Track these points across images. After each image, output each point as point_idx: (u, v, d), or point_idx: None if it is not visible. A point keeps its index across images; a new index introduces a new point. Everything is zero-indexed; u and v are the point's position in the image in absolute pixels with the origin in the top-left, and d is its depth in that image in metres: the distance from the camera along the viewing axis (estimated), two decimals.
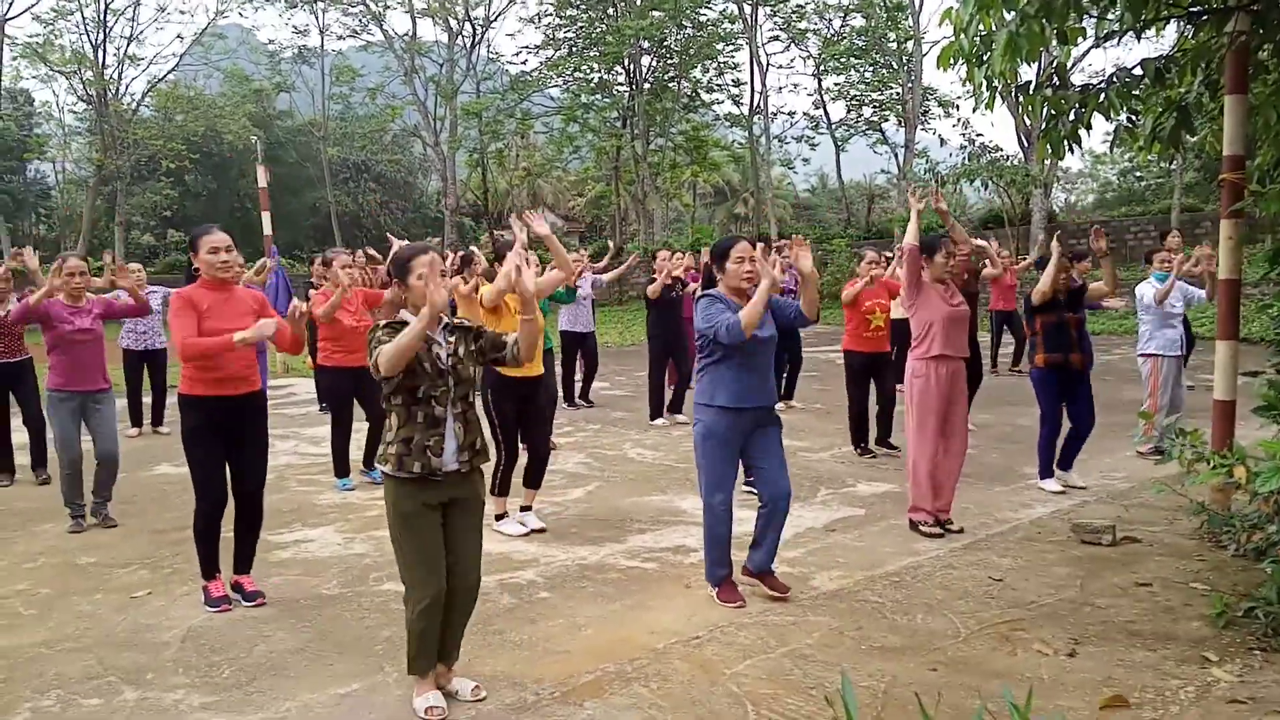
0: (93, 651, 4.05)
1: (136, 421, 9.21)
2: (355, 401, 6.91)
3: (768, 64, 28.88)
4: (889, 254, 8.33)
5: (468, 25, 30.99)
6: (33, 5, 29.16)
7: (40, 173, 37.30)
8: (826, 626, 4.17)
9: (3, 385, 7.18)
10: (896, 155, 28.64)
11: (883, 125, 29.32)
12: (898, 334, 7.81)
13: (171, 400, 5.80)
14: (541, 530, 5.67)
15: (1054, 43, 4.93)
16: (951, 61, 4.98)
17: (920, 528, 5.50)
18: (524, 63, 31.14)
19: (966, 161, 22.72)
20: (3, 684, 3.74)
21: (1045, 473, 6.47)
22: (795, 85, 69.50)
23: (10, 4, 28.59)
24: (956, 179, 22.41)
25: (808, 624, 4.21)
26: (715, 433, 4.37)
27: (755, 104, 29.09)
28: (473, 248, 6.47)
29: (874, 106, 28.79)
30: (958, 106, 27.60)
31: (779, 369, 9.48)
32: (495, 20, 31.60)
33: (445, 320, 3.44)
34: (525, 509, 5.78)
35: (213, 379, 4.36)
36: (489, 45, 36.43)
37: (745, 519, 4.78)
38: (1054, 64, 6.16)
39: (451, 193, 31.52)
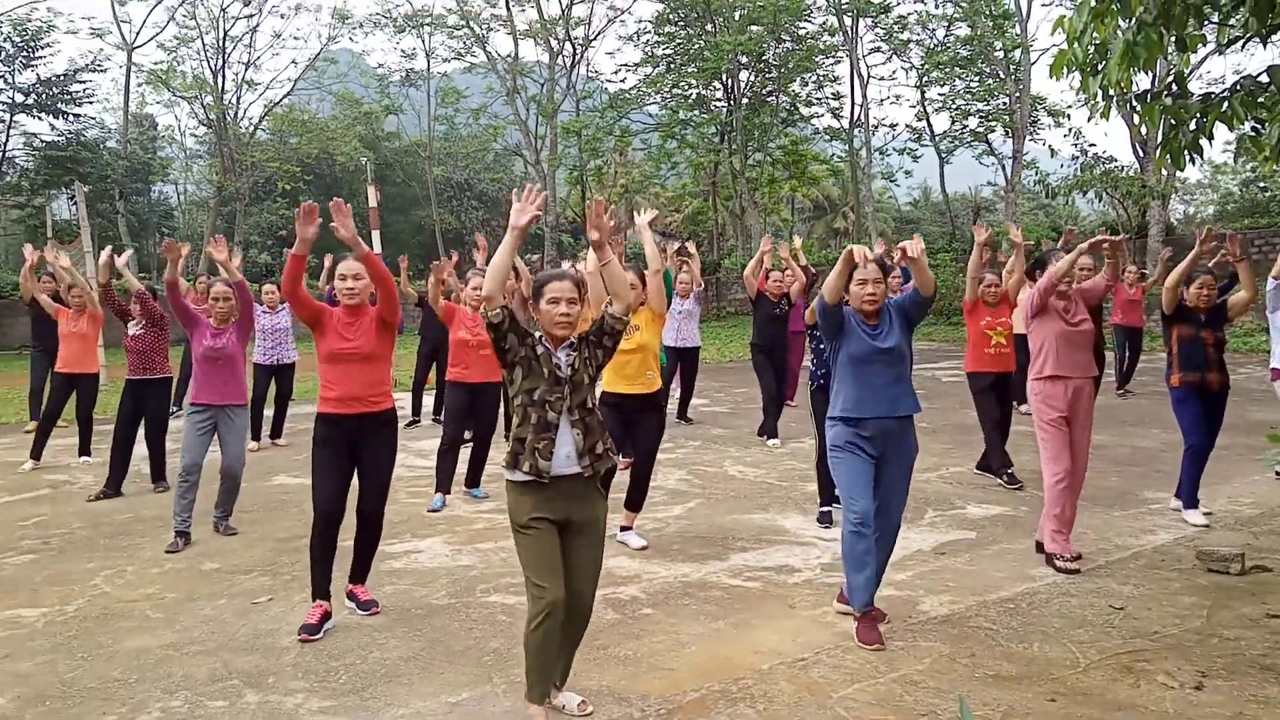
0: (217, 655, 4.23)
1: (256, 435, 9.57)
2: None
3: (869, 76, 28.55)
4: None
5: (568, 45, 31.50)
6: (158, 34, 30.82)
7: (164, 194, 39.34)
8: (937, 652, 4.08)
9: (135, 401, 7.55)
10: (1004, 167, 27.89)
11: (989, 136, 28.61)
12: (1021, 350, 7.55)
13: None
14: (643, 547, 5.68)
15: (1172, 50, 4.75)
16: (1065, 70, 4.84)
17: (1055, 561, 5.18)
18: (623, 80, 31.45)
19: (1079, 172, 21.96)
20: (135, 684, 3.93)
21: (1190, 502, 6.10)
22: (897, 97, 68.12)
23: (138, 33, 30.34)
24: (1068, 190, 21.67)
25: (917, 649, 4.12)
26: (840, 442, 4.32)
27: (856, 117, 28.78)
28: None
29: (980, 117, 28.10)
30: (1069, 116, 26.75)
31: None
32: (595, 39, 32.06)
33: (570, 340, 3.50)
34: (625, 529, 5.80)
35: (334, 398, 4.54)
36: (589, 64, 36.87)
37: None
38: (1172, 72, 5.93)
39: (552, 210, 31.99)
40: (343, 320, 4.63)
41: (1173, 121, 5.34)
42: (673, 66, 29.11)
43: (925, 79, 28.34)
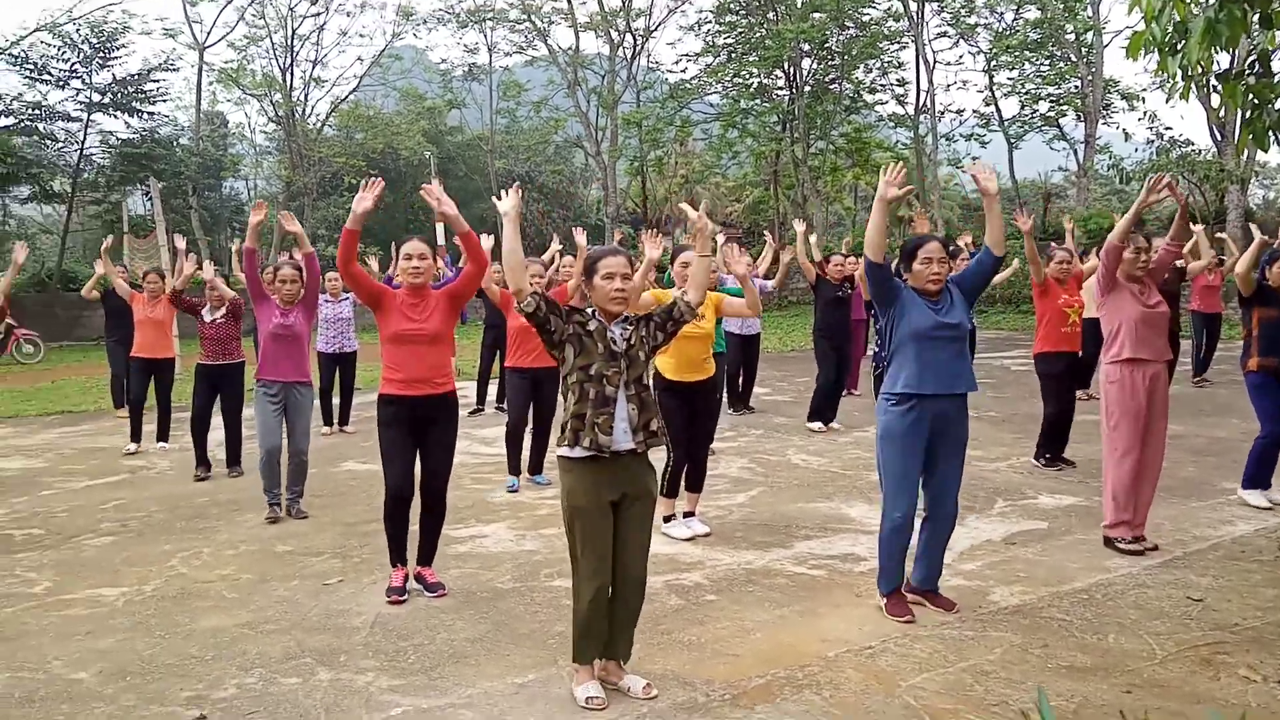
0: (290, 634, 4.32)
1: (328, 420, 9.78)
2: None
3: (935, 61, 27.99)
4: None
5: (629, 36, 31.47)
6: (228, 33, 31.53)
7: (235, 190, 40.20)
8: (1008, 643, 4.00)
9: (211, 386, 7.75)
10: (1076, 152, 27.20)
11: (1060, 121, 27.90)
12: (1089, 335, 7.38)
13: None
14: (707, 535, 5.67)
15: (1256, 27, 4.57)
16: (1142, 51, 4.69)
17: (1117, 544, 5.16)
18: (683, 70, 31.20)
19: (1154, 156, 21.32)
20: (211, 661, 4.04)
21: (1252, 483, 5.96)
22: (964, 82, 65.75)
23: (208, 33, 31.08)
24: (1143, 175, 21.04)
25: (988, 639, 4.05)
26: (893, 431, 4.23)
27: (921, 103, 28.26)
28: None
29: (1051, 101, 27.39)
30: (1143, 99, 25.91)
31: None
32: (656, 30, 31.99)
33: (625, 315, 3.56)
34: (688, 514, 5.79)
35: (400, 379, 4.62)
36: (649, 55, 36.80)
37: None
38: (1255, 50, 5.71)
39: (612, 201, 32.05)
40: (406, 301, 4.71)
41: (1256, 101, 5.14)
42: (734, 55, 28.87)
43: (994, 63, 27.72)
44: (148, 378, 9.01)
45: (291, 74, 31.44)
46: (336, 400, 9.90)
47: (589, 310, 3.55)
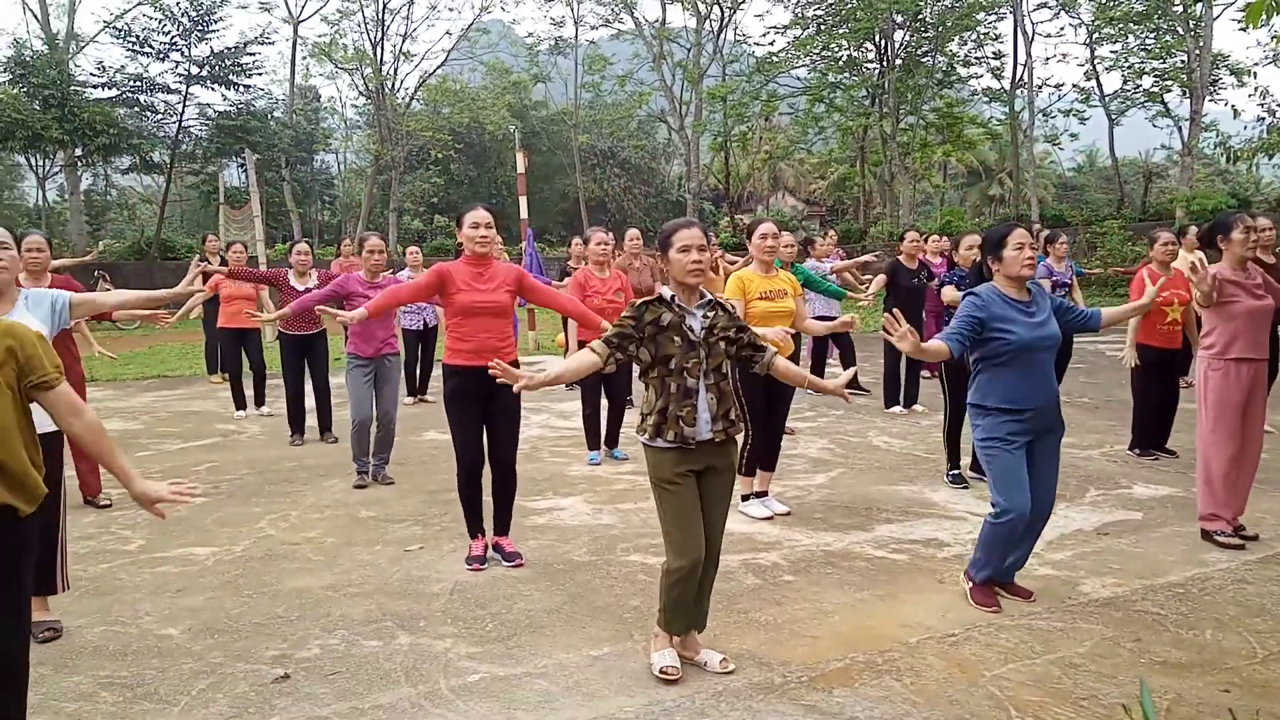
0: (372, 598, 4.40)
1: (411, 391, 9.98)
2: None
3: (1034, 33, 27.01)
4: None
5: (716, 9, 31.10)
6: (321, 7, 32.12)
7: (325, 163, 41.15)
8: (1099, 636, 3.85)
9: (300, 354, 7.93)
10: (1180, 129, 26.01)
11: (1164, 96, 26.68)
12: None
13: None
14: (786, 514, 5.61)
15: None
16: (1262, 18, 4.42)
17: (1216, 537, 4.94)
18: (771, 43, 30.72)
19: (1265, 135, 20.26)
20: (296, 621, 4.14)
21: None
22: (1064, 55, 62.91)
23: (303, 7, 31.71)
24: (1252, 154, 20.05)
25: (1077, 631, 3.90)
26: (996, 435, 4.09)
27: (1018, 77, 27.34)
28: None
29: (1155, 76, 26.20)
30: (1254, 74, 24.64)
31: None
32: (744, 2, 31.57)
33: (707, 296, 3.51)
34: (761, 494, 5.72)
35: (467, 350, 4.64)
36: (736, 27, 36.43)
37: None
38: None
39: (694, 177, 31.84)
40: (471, 271, 4.68)
41: None
42: (823, 28, 28.27)
43: (1096, 35, 26.64)
44: (238, 348, 9.27)
45: (382, 48, 31.88)
46: (419, 370, 10.07)
47: (665, 297, 3.47)
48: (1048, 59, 60.19)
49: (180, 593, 4.50)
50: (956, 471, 6.24)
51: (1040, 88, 28.18)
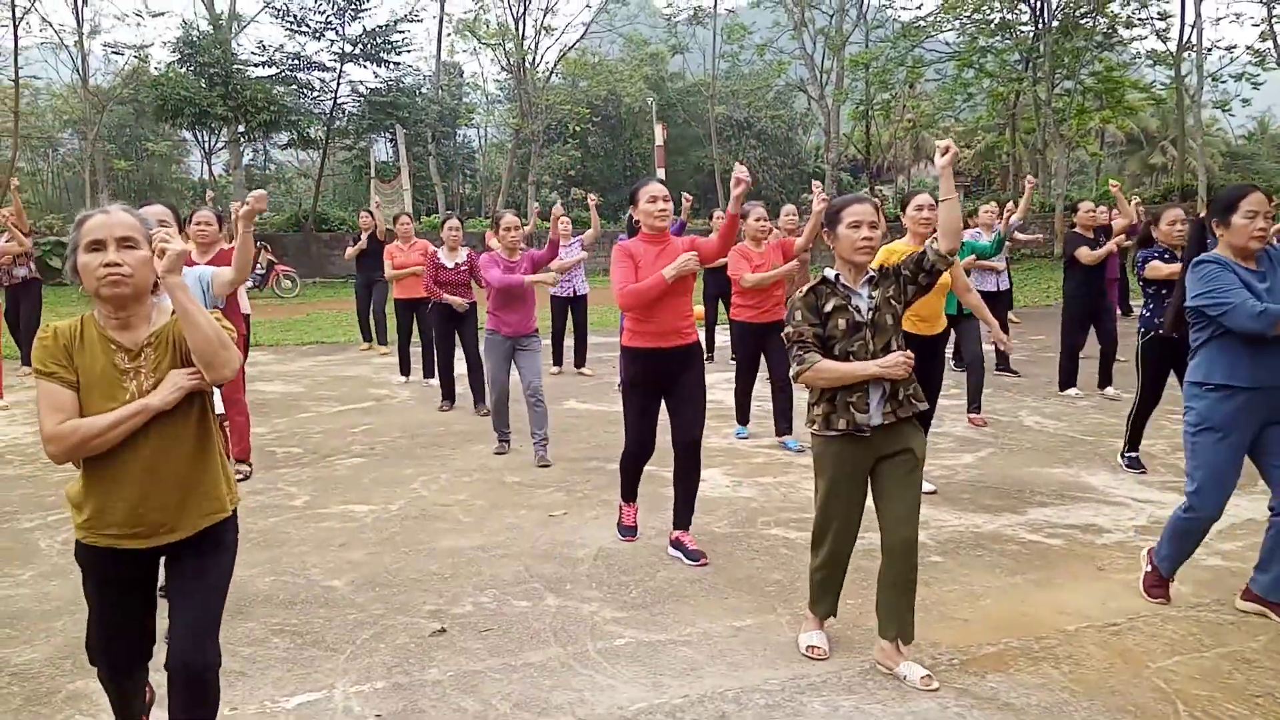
0: (520, 560, 4.53)
1: (557, 360, 10.15)
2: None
3: None
4: None
5: None
6: None
7: (467, 138, 42.15)
8: (1275, 630, 3.62)
9: (450, 325, 8.17)
10: None
11: None
12: None
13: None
14: (933, 492, 5.46)
15: None
16: None
17: None
18: (918, 7, 29.65)
19: None
20: (449, 579, 4.30)
21: None
22: (1237, 15, 58.46)
23: None
24: None
25: (1250, 625, 3.68)
26: (1212, 421, 3.66)
27: (1185, 38, 25.57)
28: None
29: None
30: None
31: None
32: None
33: (870, 273, 3.34)
34: None
35: (651, 332, 4.42)
36: None
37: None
38: None
39: (834, 147, 31.16)
40: (652, 250, 4.45)
41: None
42: None
43: None
44: (409, 318, 9.57)
45: (523, 23, 32.35)
46: (569, 342, 10.17)
47: (829, 278, 3.31)
48: (1219, 19, 56.07)
49: (343, 547, 4.75)
50: (1135, 454, 5.93)
51: (1210, 50, 26.26)
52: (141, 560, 2.47)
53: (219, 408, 2.97)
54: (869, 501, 3.42)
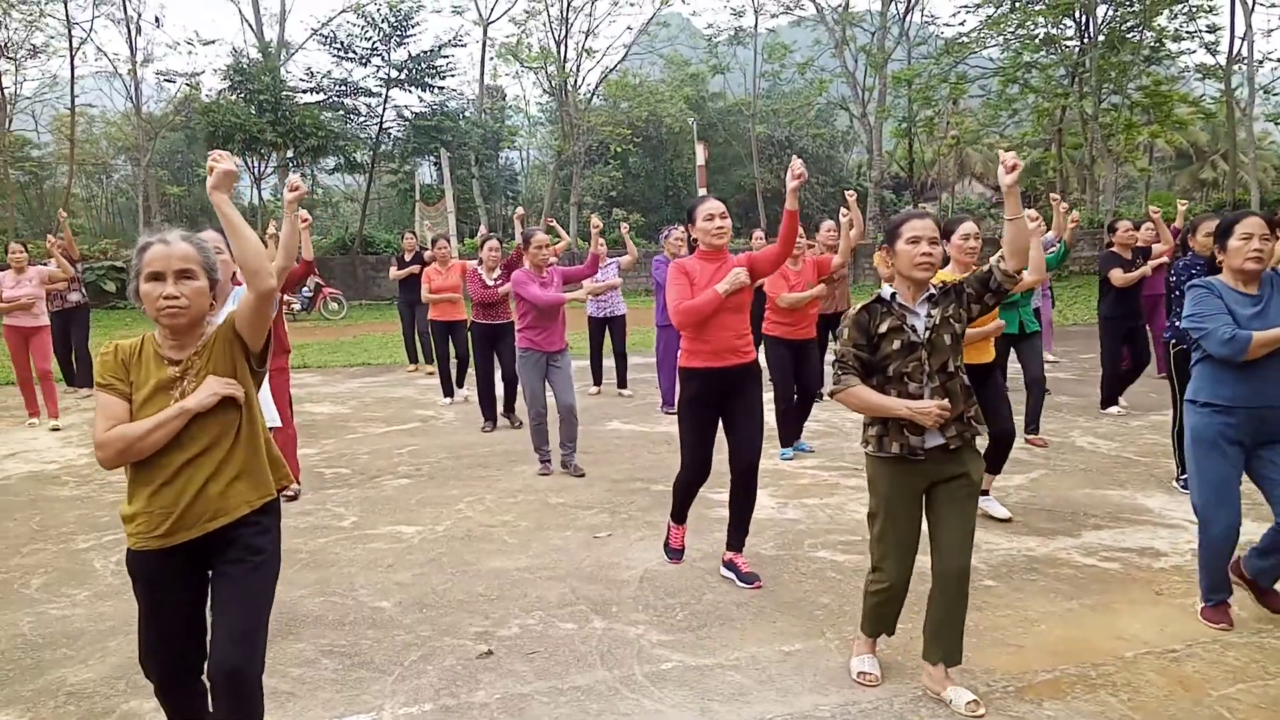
0: (565, 581, 4.52)
1: (596, 380, 10.17)
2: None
3: (1254, 2, 24.77)
4: None
5: None
6: (510, 8, 33.24)
7: (509, 160, 42.56)
8: None
9: (489, 344, 8.23)
10: None
11: None
12: None
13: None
14: (1006, 520, 5.32)
15: None
16: None
17: None
18: (961, 23, 29.45)
19: None
20: (496, 600, 4.31)
21: None
22: None
23: (492, 8, 32.88)
24: None
25: None
26: (1204, 437, 3.77)
27: (1236, 50, 25.12)
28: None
29: None
30: None
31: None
32: None
33: (930, 291, 3.26)
34: (983, 493, 5.43)
35: (708, 351, 4.37)
36: (923, 9, 35.02)
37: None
38: None
39: (876, 165, 31.02)
40: (709, 268, 4.40)
41: None
42: (1018, 4, 26.84)
43: None
44: (446, 339, 9.74)
45: (565, 45, 32.67)
46: (609, 363, 10.18)
47: (884, 297, 3.25)
48: (1270, 31, 55.00)
49: (390, 568, 4.77)
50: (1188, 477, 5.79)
51: (1261, 62, 25.76)
52: (189, 560, 2.55)
53: (274, 420, 3.07)
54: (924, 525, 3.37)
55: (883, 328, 3.21)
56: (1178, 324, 5.67)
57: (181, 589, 2.58)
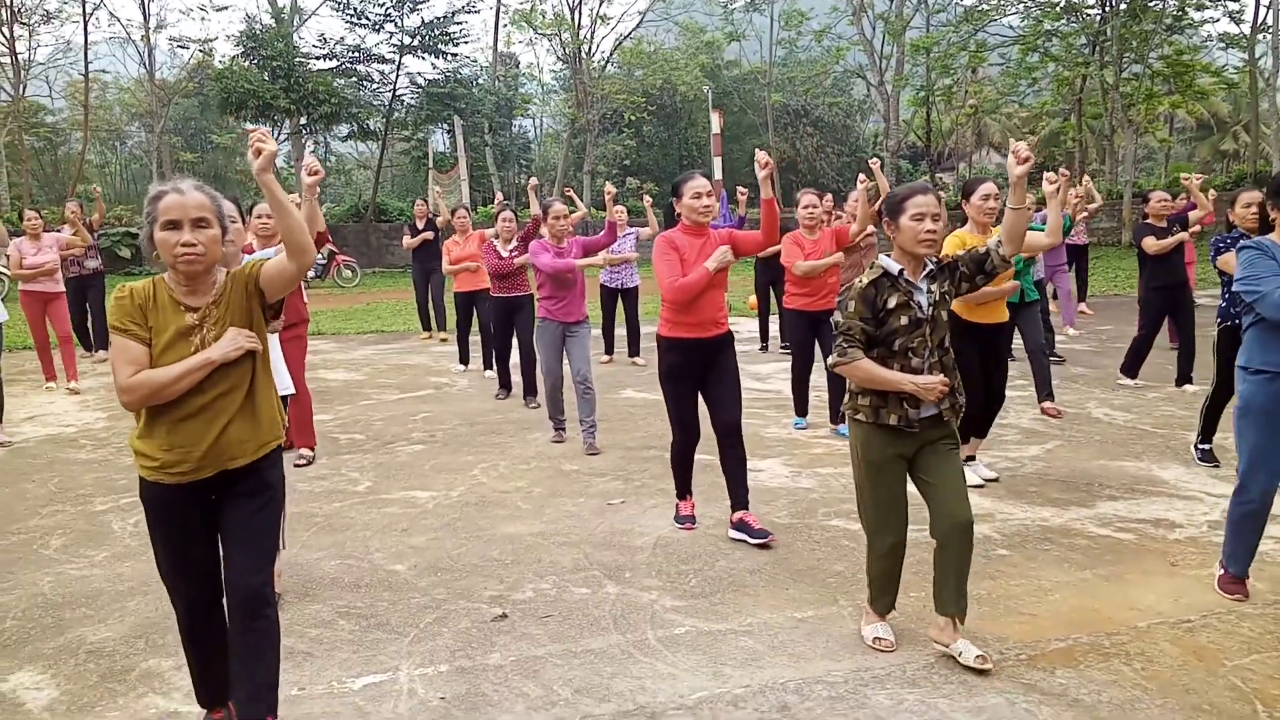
0: (579, 547, 4.54)
1: (609, 350, 10.17)
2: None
3: None
4: None
5: None
6: None
7: (523, 128, 42.31)
8: None
9: (508, 316, 8.18)
10: None
11: None
12: None
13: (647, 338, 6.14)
14: (994, 480, 5.37)
15: None
16: None
17: None
18: None
19: None
20: (510, 564, 4.33)
21: None
22: None
23: None
24: None
25: None
26: (1254, 405, 3.66)
27: (1260, 20, 24.71)
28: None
29: None
30: None
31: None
32: None
33: (929, 266, 3.28)
34: (969, 459, 5.48)
35: (692, 322, 4.53)
36: None
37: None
38: None
39: (893, 134, 30.71)
40: (693, 243, 4.55)
41: None
42: None
43: None
44: (468, 310, 9.64)
45: (580, 11, 32.37)
46: (620, 332, 10.17)
47: (891, 272, 3.24)
48: None
49: (405, 532, 4.81)
50: (1208, 447, 5.75)
51: None
52: (198, 490, 2.65)
53: (288, 388, 3.15)
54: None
55: (891, 303, 3.21)
56: (1223, 304, 5.64)
57: (194, 514, 2.68)
